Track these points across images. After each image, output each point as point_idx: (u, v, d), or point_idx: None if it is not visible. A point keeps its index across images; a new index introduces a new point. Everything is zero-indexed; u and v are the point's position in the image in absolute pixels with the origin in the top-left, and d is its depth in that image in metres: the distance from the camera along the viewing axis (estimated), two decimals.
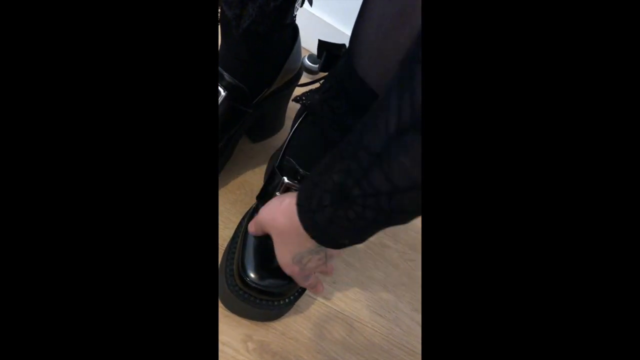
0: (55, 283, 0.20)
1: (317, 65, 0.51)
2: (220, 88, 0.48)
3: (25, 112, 0.20)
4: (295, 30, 0.53)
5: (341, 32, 0.80)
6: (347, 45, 0.49)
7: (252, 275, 0.44)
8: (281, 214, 0.38)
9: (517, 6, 0.20)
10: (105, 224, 0.21)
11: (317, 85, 0.52)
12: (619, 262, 0.20)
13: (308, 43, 0.68)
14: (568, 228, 0.21)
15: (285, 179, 0.46)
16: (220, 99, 0.48)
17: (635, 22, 0.19)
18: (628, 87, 0.19)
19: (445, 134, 0.21)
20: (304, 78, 0.72)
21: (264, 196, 0.48)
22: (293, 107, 0.57)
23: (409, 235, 0.63)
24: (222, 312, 0.46)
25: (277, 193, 0.46)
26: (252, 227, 0.45)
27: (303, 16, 0.56)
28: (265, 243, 0.47)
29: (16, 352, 0.20)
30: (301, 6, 0.49)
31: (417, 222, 0.65)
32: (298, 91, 0.61)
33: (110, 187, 0.21)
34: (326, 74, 0.51)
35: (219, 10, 0.46)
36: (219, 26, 0.48)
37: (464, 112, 0.21)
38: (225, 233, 0.51)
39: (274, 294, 0.45)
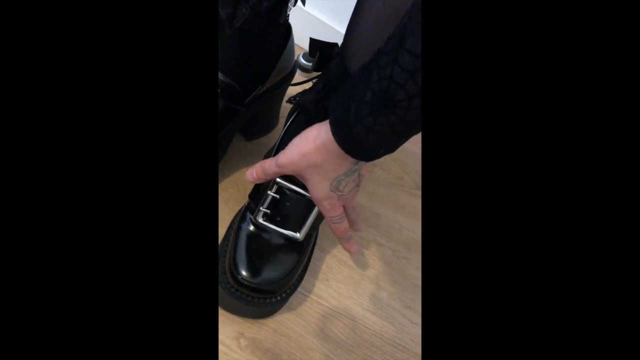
0: (57, 276, 0.20)
1: (311, 64, 0.51)
2: None
3: (25, 109, 0.20)
4: (288, 29, 0.53)
5: (335, 29, 0.80)
6: (339, 44, 0.49)
7: (243, 273, 0.44)
8: (314, 148, 0.38)
9: (517, 6, 0.20)
10: (108, 223, 0.21)
11: (310, 84, 0.52)
12: (618, 264, 0.20)
13: (303, 41, 0.69)
14: (569, 226, 0.21)
15: (277, 178, 0.46)
16: None
17: (635, 22, 0.19)
18: (628, 87, 0.19)
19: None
20: (298, 76, 0.72)
21: (256, 195, 0.48)
22: (287, 106, 0.57)
23: (402, 233, 0.63)
24: None
25: (269, 192, 0.46)
26: (253, 175, 0.44)
27: (297, 14, 0.56)
28: (257, 240, 0.47)
29: (16, 353, 0.20)
30: (294, 5, 0.49)
31: (411, 221, 0.65)
32: (292, 90, 0.61)
33: (113, 188, 0.21)
34: (319, 72, 0.51)
35: None
36: None
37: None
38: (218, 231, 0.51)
39: (266, 292, 0.45)
